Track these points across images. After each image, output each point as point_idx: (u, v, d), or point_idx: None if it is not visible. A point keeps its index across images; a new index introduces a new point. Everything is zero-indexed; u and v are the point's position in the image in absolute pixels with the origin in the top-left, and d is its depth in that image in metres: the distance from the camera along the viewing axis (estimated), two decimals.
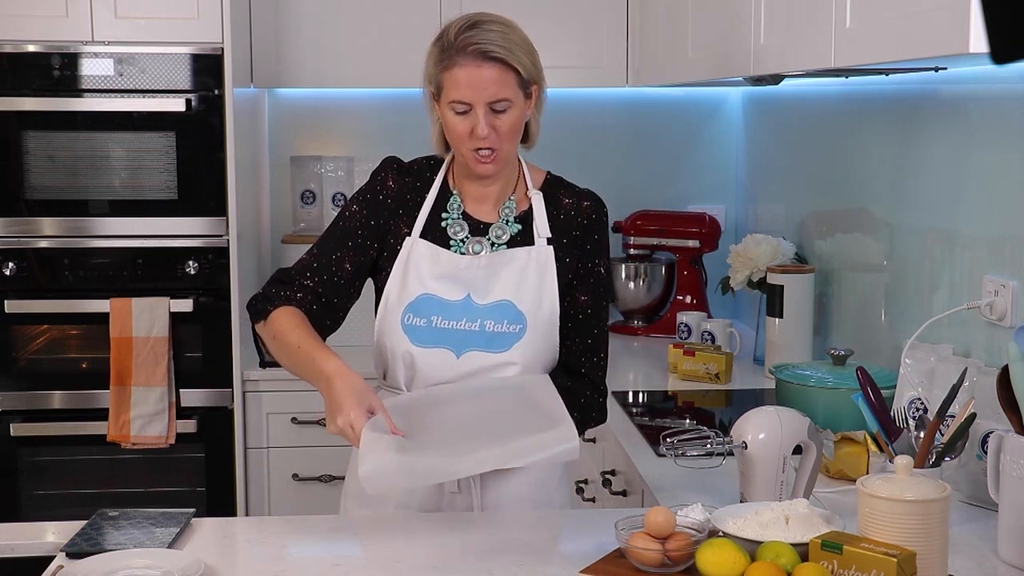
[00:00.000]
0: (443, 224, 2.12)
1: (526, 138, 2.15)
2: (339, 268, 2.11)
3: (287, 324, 2.03)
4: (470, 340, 2.06)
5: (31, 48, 3.28)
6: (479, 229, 2.12)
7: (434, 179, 2.16)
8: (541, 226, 2.12)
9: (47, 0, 3.25)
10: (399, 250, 2.11)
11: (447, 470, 1.87)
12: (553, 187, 2.18)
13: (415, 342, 2.07)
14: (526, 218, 2.13)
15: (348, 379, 1.89)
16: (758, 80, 2.94)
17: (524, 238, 2.12)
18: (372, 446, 1.80)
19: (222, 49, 3.30)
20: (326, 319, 2.11)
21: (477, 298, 2.07)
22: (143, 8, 3.28)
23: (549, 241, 2.12)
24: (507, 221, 2.13)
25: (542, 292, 2.09)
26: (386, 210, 2.13)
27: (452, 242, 2.11)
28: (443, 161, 2.17)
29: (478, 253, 2.10)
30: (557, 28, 3.70)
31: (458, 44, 2.02)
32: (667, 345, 3.32)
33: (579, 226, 2.14)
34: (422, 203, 2.13)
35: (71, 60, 3.29)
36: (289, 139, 3.96)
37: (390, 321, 2.09)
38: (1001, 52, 1.03)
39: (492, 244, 2.11)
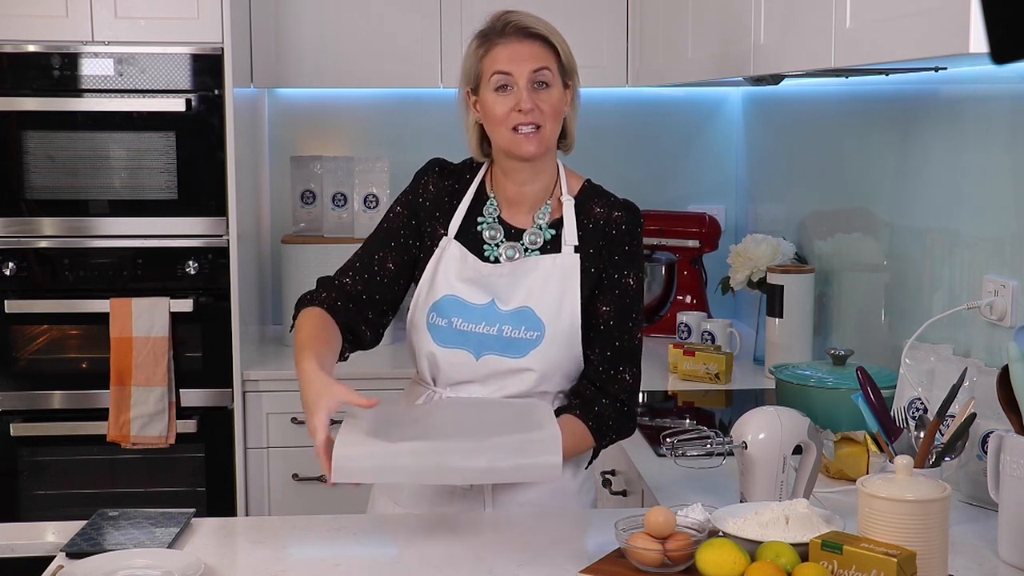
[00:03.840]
0: (479, 228, 2.14)
1: (564, 138, 2.17)
2: (381, 267, 2.15)
3: (302, 323, 2.07)
4: (488, 343, 2.07)
5: (31, 48, 3.28)
6: (513, 234, 2.14)
7: (472, 181, 2.18)
8: (569, 234, 2.12)
9: (47, 0, 3.25)
10: (434, 249, 2.14)
11: (418, 465, 1.83)
12: (588, 195, 2.17)
13: (437, 341, 2.09)
14: (559, 224, 2.13)
15: (310, 383, 1.89)
16: (758, 80, 2.94)
17: (555, 245, 2.12)
18: (344, 437, 1.80)
19: (222, 49, 3.30)
20: (367, 314, 2.13)
21: (501, 304, 2.08)
22: (143, 8, 3.28)
23: (576, 249, 2.11)
24: (540, 227, 2.13)
25: (563, 300, 2.08)
26: (423, 212, 2.16)
27: (487, 246, 2.13)
28: (480, 164, 2.19)
29: (512, 258, 2.11)
30: (557, 28, 3.69)
31: (498, 27, 2.09)
32: (667, 345, 3.32)
33: (606, 236, 2.12)
34: (458, 205, 2.16)
35: (71, 60, 3.29)
36: (289, 139, 3.96)
37: (417, 319, 2.12)
38: (1001, 52, 1.03)
39: (526, 249, 2.12)
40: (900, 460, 1.70)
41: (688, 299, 3.81)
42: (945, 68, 2.33)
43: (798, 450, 1.95)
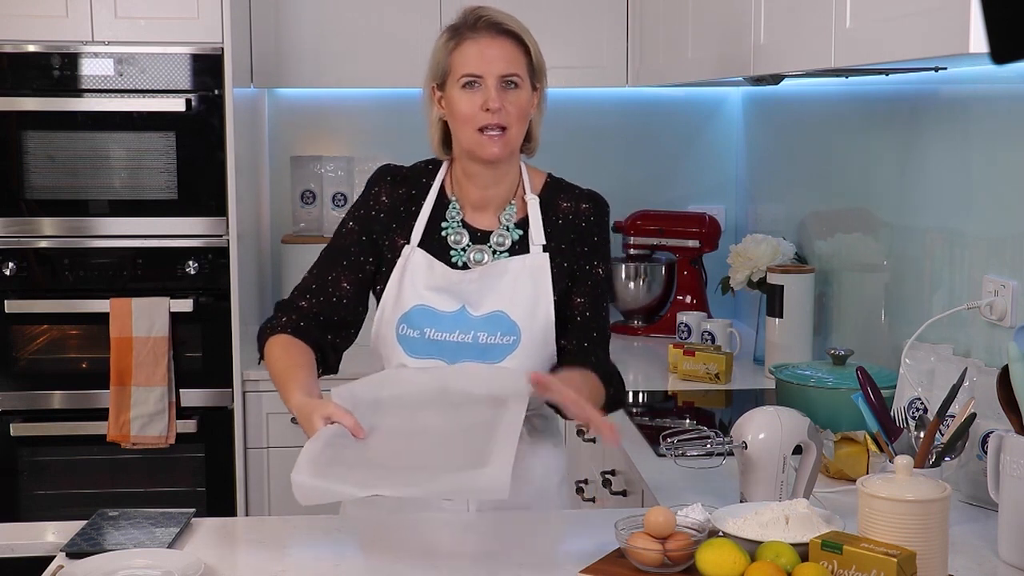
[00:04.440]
0: (443, 233, 2.10)
1: (528, 141, 2.13)
2: (336, 287, 2.10)
3: (271, 355, 2.04)
4: (463, 351, 2.04)
5: (31, 48, 3.28)
6: (479, 237, 2.11)
7: (431, 185, 2.13)
8: (536, 233, 2.10)
9: (47, 0, 3.25)
10: (395, 260, 2.09)
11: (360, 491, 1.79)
12: (553, 190, 2.15)
13: (409, 353, 2.06)
14: (526, 224, 2.11)
15: (302, 411, 1.89)
16: (758, 80, 2.94)
17: (523, 245, 2.10)
18: (306, 460, 1.77)
19: (222, 49, 3.30)
20: (329, 337, 2.10)
21: (472, 309, 2.05)
22: (143, 8, 3.28)
23: (545, 248, 2.09)
24: (508, 228, 2.11)
25: (537, 301, 2.06)
26: (379, 224, 2.11)
27: (453, 251, 2.09)
28: (440, 166, 2.15)
29: (480, 261, 2.08)
30: (557, 28, 3.70)
31: (469, 21, 2.05)
32: (667, 345, 3.32)
33: (576, 228, 2.12)
34: (418, 212, 2.11)
35: (71, 60, 3.29)
36: (289, 139, 3.96)
37: (385, 331, 2.08)
38: (1001, 52, 1.03)
39: (494, 252, 2.09)
40: (900, 460, 1.70)
41: (688, 299, 3.81)
42: (945, 68, 2.33)
43: (798, 450, 1.95)
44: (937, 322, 2.33)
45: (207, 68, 3.31)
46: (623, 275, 3.85)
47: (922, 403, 2.23)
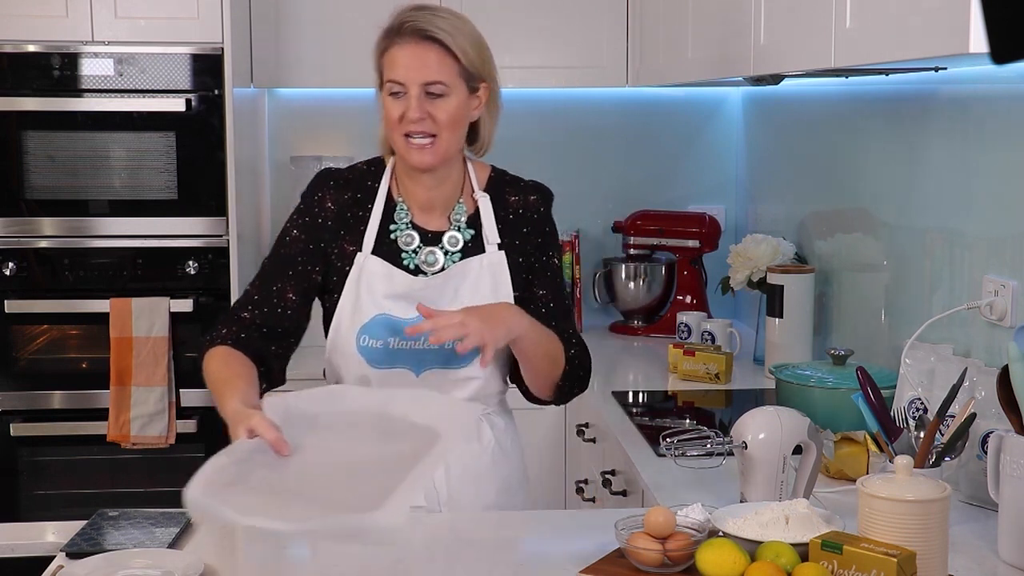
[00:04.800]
0: (392, 236, 2.06)
1: (475, 140, 2.09)
2: (281, 298, 2.04)
3: (210, 367, 1.96)
4: (428, 358, 2.02)
5: (31, 48, 3.28)
6: (431, 239, 2.07)
7: (377, 188, 2.08)
8: (490, 232, 2.08)
9: (47, 0, 3.25)
10: (348, 269, 2.04)
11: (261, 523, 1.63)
12: (499, 185, 2.13)
13: (372, 363, 2.03)
14: (476, 221, 2.09)
15: (233, 425, 1.77)
16: (758, 80, 2.94)
17: (476, 244, 2.08)
18: (205, 474, 1.65)
19: (222, 49, 3.30)
20: (272, 347, 2.03)
21: None
22: (143, 8, 3.28)
23: (500, 246, 2.08)
24: (459, 228, 2.08)
25: (497, 301, 2.05)
26: (326, 232, 2.06)
27: (404, 254, 2.05)
28: (384, 167, 2.11)
29: (432, 264, 2.05)
30: (557, 28, 3.70)
31: (397, 24, 2.00)
32: (667, 345, 3.32)
33: (528, 222, 2.11)
34: (367, 217, 2.06)
35: (71, 60, 3.29)
36: (289, 139, 3.96)
37: (343, 342, 2.04)
38: (1001, 52, 1.03)
39: (446, 253, 2.06)
40: (900, 460, 1.70)
41: (688, 299, 3.81)
42: (945, 68, 2.33)
43: (798, 450, 1.95)
44: (937, 322, 2.33)
45: (207, 68, 3.31)
46: (623, 275, 3.85)
47: (922, 403, 2.22)
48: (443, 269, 2.06)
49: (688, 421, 2.81)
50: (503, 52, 3.74)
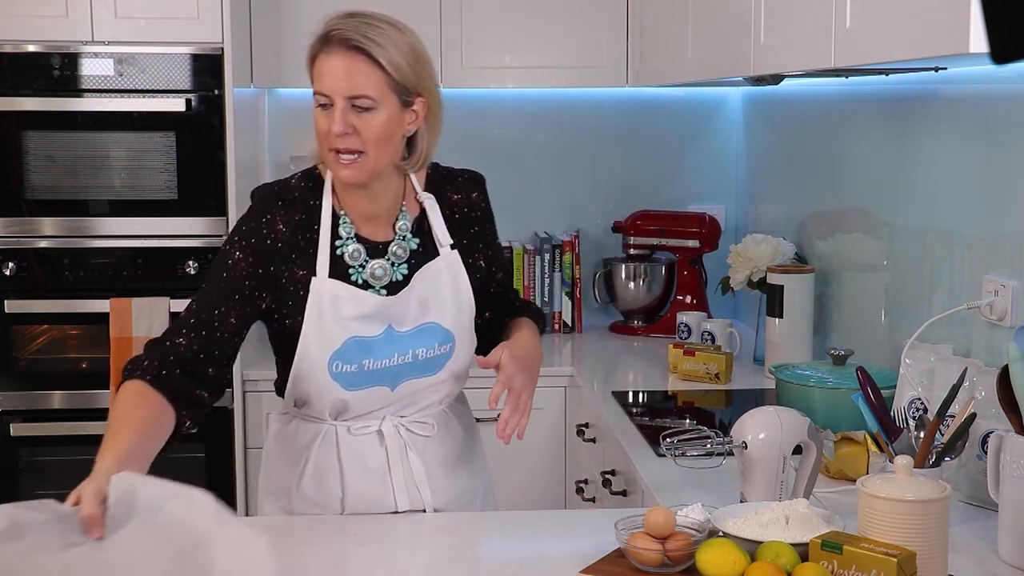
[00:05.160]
0: (339, 252, 1.99)
1: (410, 155, 1.99)
2: (222, 323, 1.93)
3: (116, 402, 1.83)
4: (404, 371, 2.01)
5: (31, 48, 3.28)
6: (377, 250, 2.01)
7: (319, 205, 1.99)
8: (441, 234, 2.04)
9: (47, 0, 3.25)
10: (302, 294, 1.96)
11: None
12: (438, 183, 2.07)
13: (347, 387, 1.99)
14: (422, 226, 2.04)
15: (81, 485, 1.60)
16: (758, 80, 2.94)
17: (426, 249, 2.04)
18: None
19: (222, 49, 3.30)
20: (208, 370, 1.92)
21: (397, 326, 1.99)
22: (143, 8, 3.28)
23: (453, 246, 2.05)
24: (404, 237, 2.02)
25: (460, 302, 2.04)
26: (277, 255, 1.96)
27: (352, 269, 1.99)
28: (321, 180, 2.01)
29: (380, 278, 2.00)
30: (557, 28, 3.70)
31: (325, 32, 1.91)
32: (667, 345, 3.32)
33: (475, 220, 2.10)
34: (315, 239, 1.97)
35: (71, 60, 3.29)
36: (289, 139, 3.95)
37: (312, 370, 1.98)
38: (1001, 52, 1.03)
39: (393, 264, 2.01)
40: (900, 460, 1.70)
41: (688, 299, 3.81)
42: (945, 68, 2.33)
43: (798, 450, 1.95)
44: (937, 322, 2.33)
45: (207, 68, 3.31)
46: (623, 275, 3.85)
47: (922, 403, 2.22)
48: (392, 282, 2.01)
49: (688, 421, 2.81)
50: (503, 52, 3.77)
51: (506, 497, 3.21)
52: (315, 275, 1.96)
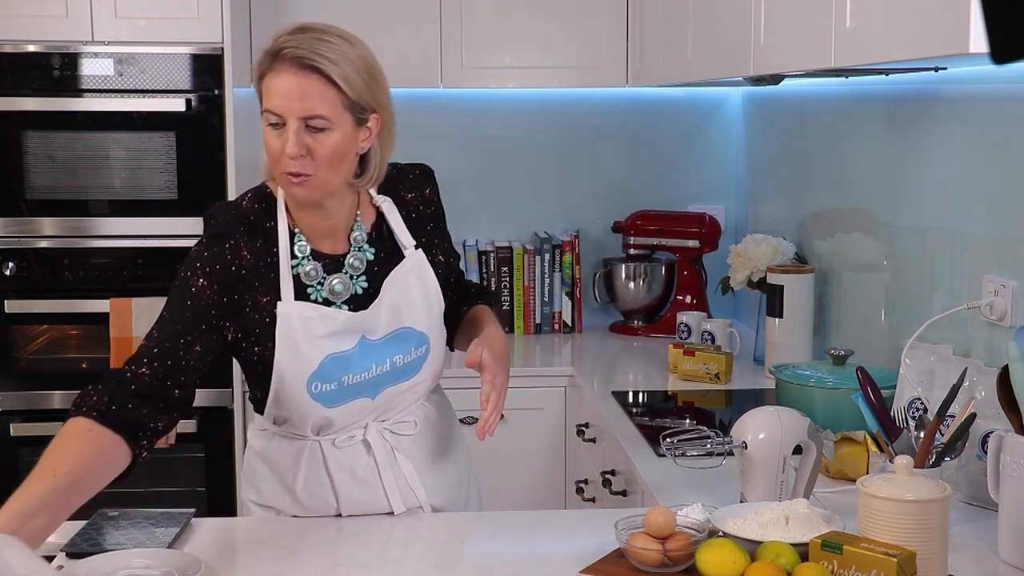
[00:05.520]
0: (295, 271, 1.94)
1: (363, 173, 1.94)
2: (188, 351, 1.88)
3: (55, 440, 1.75)
4: (383, 380, 2.00)
5: (31, 48, 3.28)
6: (333, 265, 1.97)
7: (275, 227, 1.94)
8: (403, 236, 2.02)
9: (47, 0, 3.25)
10: (268, 321, 1.92)
11: None
12: (391, 184, 2.04)
13: (329, 405, 1.97)
14: (381, 230, 2.02)
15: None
16: (758, 80, 2.94)
17: (387, 255, 2.01)
18: None
19: (222, 49, 3.30)
20: (174, 392, 1.88)
21: (369, 334, 1.97)
22: (143, 8, 3.28)
23: (416, 246, 2.03)
24: (360, 248, 1.99)
25: (430, 301, 2.03)
26: (241, 283, 1.91)
27: (311, 288, 1.94)
28: (273, 199, 1.96)
29: (341, 293, 1.96)
30: (557, 28, 3.70)
31: (275, 49, 1.83)
32: (667, 345, 3.32)
33: (431, 217, 2.08)
34: (276, 263, 1.93)
35: (71, 60, 3.29)
36: None
37: (292, 393, 1.95)
38: (1001, 52, 1.03)
39: (351, 276, 1.97)
40: (900, 460, 1.70)
41: (688, 299, 3.81)
42: (945, 68, 2.33)
43: (798, 450, 1.95)
44: (937, 322, 2.33)
45: (207, 68, 3.31)
46: (623, 275, 3.85)
47: (922, 403, 2.23)
48: (353, 295, 1.98)
49: (688, 421, 2.81)
50: (503, 52, 3.77)
51: (506, 497, 3.22)
52: (280, 299, 1.92)
